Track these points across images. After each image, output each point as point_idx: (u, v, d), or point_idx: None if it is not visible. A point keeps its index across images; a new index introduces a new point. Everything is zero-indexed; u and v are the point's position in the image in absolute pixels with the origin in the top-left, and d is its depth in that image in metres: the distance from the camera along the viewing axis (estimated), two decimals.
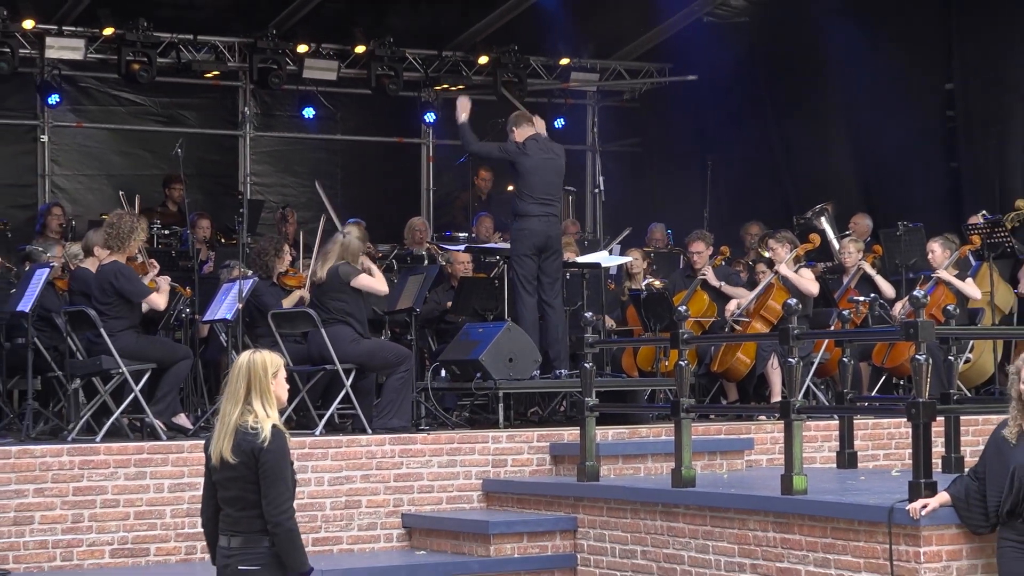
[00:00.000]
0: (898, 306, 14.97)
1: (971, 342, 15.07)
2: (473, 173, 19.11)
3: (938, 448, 11.27)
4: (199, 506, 11.54)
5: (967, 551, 9.45)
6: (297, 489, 11.45)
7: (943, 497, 9.09)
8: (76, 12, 18.55)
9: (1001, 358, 15.70)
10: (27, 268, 13.64)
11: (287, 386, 8.23)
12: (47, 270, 13.06)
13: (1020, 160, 17.11)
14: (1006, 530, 8.72)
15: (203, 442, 11.82)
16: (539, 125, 14.64)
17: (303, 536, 10.52)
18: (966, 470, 12.04)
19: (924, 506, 9.02)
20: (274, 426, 7.84)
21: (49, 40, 18.56)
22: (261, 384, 7.89)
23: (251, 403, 7.88)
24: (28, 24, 18.32)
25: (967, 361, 15.27)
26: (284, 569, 7.92)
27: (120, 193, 17.18)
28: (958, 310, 14.60)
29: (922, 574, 9.30)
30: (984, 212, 16.46)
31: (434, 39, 20.44)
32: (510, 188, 14.88)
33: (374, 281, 13.28)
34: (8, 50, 18.16)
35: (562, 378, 13.80)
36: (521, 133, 14.37)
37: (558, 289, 14.40)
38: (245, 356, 8.01)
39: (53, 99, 19.27)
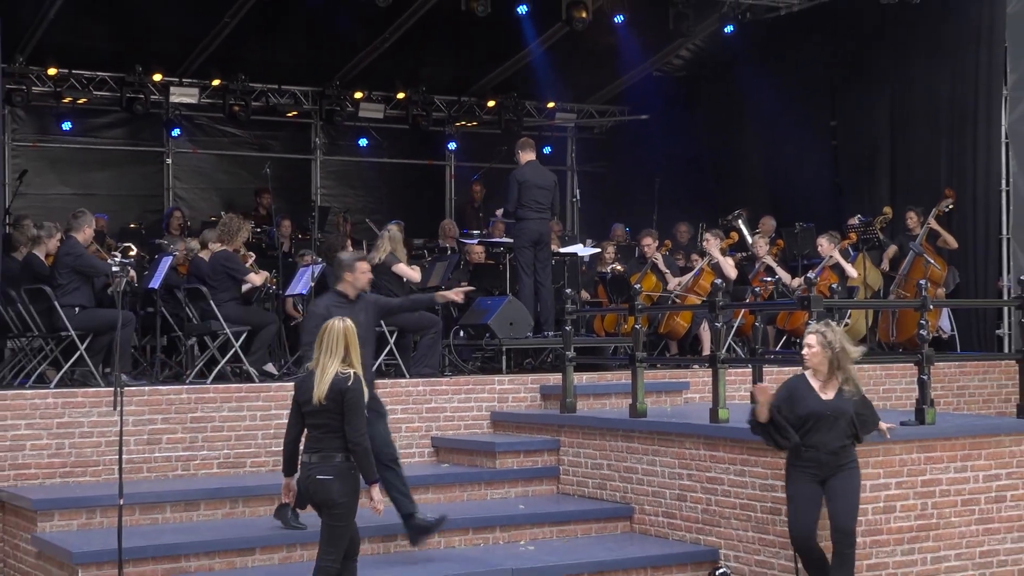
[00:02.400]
0: (795, 284, 15.01)
1: (849, 310, 15.11)
2: (470, 187, 19.59)
3: None
4: (283, 431, 11.65)
5: None
6: None
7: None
8: (192, 67, 18.55)
9: (872, 323, 15.78)
10: (156, 256, 13.67)
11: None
12: (170, 258, 13.11)
13: (885, 177, 17.10)
14: (793, 457, 8.69)
15: (288, 383, 11.91)
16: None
17: None
18: None
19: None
20: (355, 373, 8.13)
21: (172, 89, 18.57)
22: (352, 344, 8.18)
23: (346, 358, 8.16)
24: (157, 77, 18.34)
25: (846, 325, 15.32)
26: (351, 480, 8.11)
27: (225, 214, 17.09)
28: (840, 287, 14.68)
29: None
30: (859, 215, 16.47)
31: (455, 88, 20.42)
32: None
33: (408, 271, 13.35)
34: (143, 96, 18.20)
35: (549, 337, 13.83)
36: (524, 156, 14.40)
37: (547, 272, 14.43)
38: (339, 323, 8.28)
39: (175, 132, 19.32)
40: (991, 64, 15.26)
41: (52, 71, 17.90)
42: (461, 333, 14.30)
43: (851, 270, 15.21)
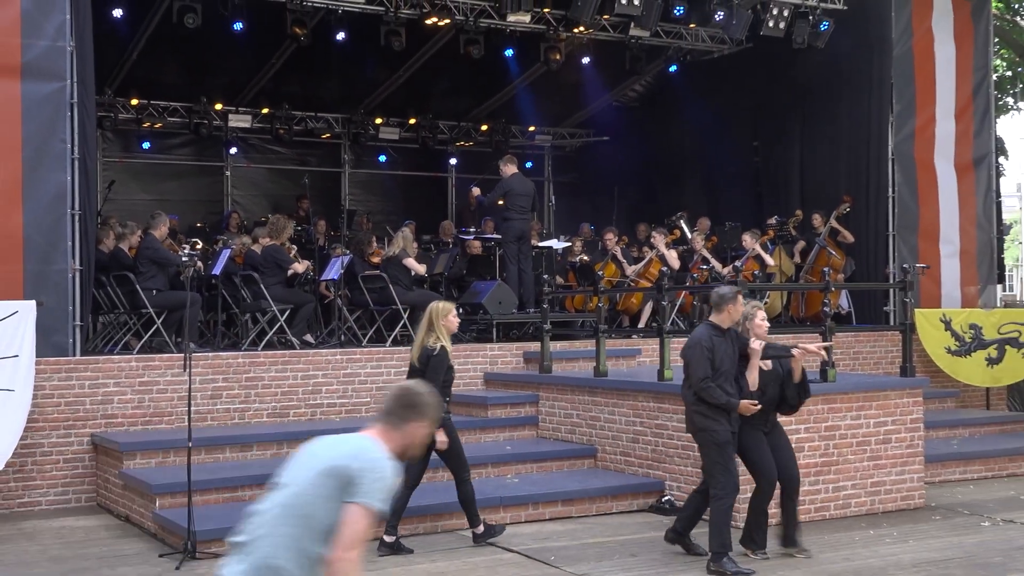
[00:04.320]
0: (725, 271, 15.04)
1: (767, 292, 15.15)
2: (467, 194, 19.41)
3: None
4: (322, 388, 11.67)
5: None
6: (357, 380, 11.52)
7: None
8: (247, 99, 18.52)
9: (786, 302, 15.82)
10: (218, 249, 13.65)
11: (457, 320, 9.01)
12: (229, 251, 13.07)
13: (796, 186, 17.12)
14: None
15: (324, 350, 11.88)
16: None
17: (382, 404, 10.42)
18: None
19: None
20: (442, 345, 8.56)
21: (231, 116, 18.53)
22: (438, 320, 8.62)
23: (433, 330, 8.57)
24: (218, 106, 18.31)
25: (765, 303, 15.35)
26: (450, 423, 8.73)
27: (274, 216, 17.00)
28: (760, 274, 14.72)
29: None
30: (776, 216, 16.53)
31: (455, 115, 20.39)
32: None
33: (415, 264, 13.36)
34: (207, 121, 18.16)
35: (530, 313, 13.85)
36: (507, 170, 14.42)
37: (529, 261, 14.44)
38: (434, 303, 8.87)
39: (232, 150, 19.29)
40: (881, 96, 15.27)
41: (134, 101, 17.91)
42: (460, 310, 14.27)
43: (769, 260, 15.29)
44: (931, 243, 15.26)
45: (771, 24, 14.78)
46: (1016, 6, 24.04)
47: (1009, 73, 24.83)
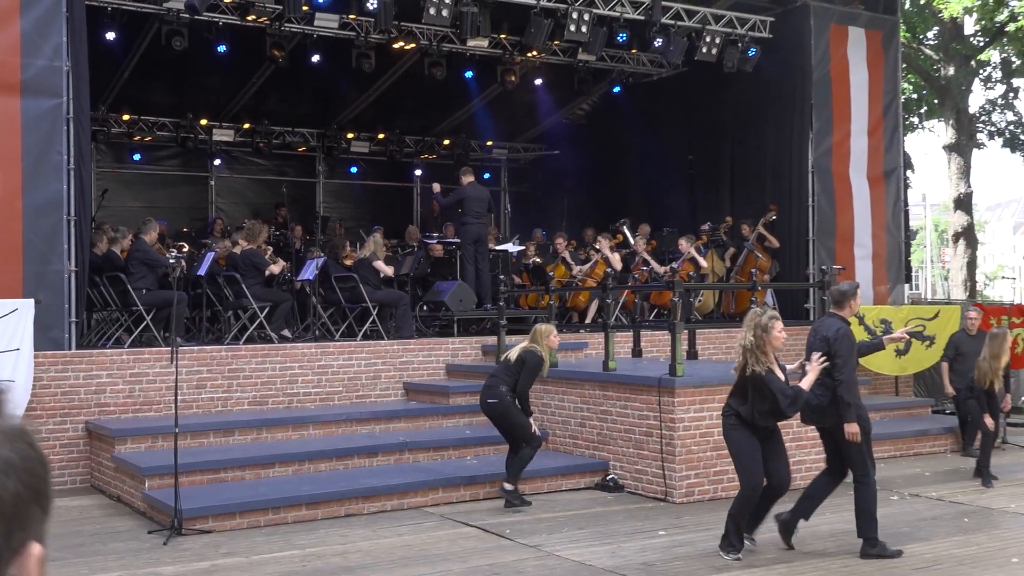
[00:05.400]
0: (663, 272, 15.10)
1: (701, 291, 15.22)
2: (431, 202, 19.37)
3: (685, 347, 11.41)
4: (298, 379, 11.57)
5: (699, 402, 9.59)
6: (330, 372, 11.40)
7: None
8: (230, 114, 18.37)
9: (718, 300, 15.90)
10: (203, 251, 13.52)
11: (558, 339, 9.51)
12: (213, 253, 12.98)
13: (727, 196, 17.22)
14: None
15: (300, 343, 11.78)
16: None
17: (360, 395, 10.41)
18: (699, 356, 12.23)
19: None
20: (536, 353, 9.01)
21: (215, 130, 18.38)
22: (542, 339, 9.10)
23: (535, 343, 9.07)
24: (204, 121, 18.15)
25: (699, 300, 15.44)
26: (514, 405, 9.06)
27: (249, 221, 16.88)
28: (695, 275, 14.79)
29: (675, 412, 9.42)
30: (709, 223, 16.62)
31: (420, 130, 20.33)
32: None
33: (384, 267, 13.30)
34: (193, 135, 18.01)
35: (488, 310, 13.83)
36: (465, 179, 14.40)
37: (486, 263, 14.42)
38: (540, 324, 9.37)
39: (217, 162, 19.14)
40: (802, 115, 15.38)
41: (126, 117, 17.75)
42: (424, 308, 14.26)
43: (703, 262, 15.35)
44: (846, 247, 15.40)
45: (704, 50, 14.86)
46: (921, 36, 24.33)
47: (915, 96, 25.12)
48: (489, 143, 21.18)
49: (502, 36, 15.85)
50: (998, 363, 9.97)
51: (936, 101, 24.10)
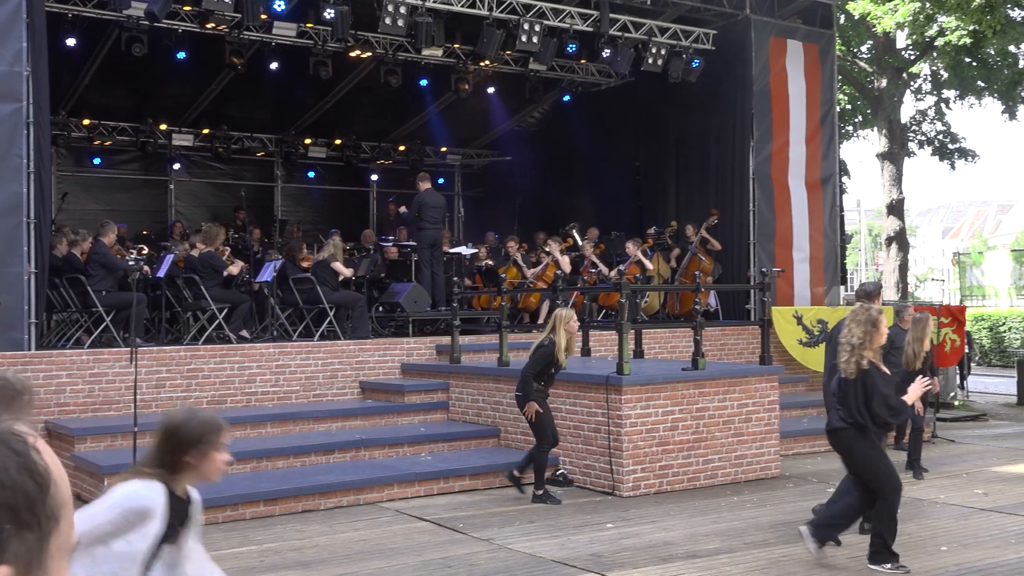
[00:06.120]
0: (611, 274, 15.17)
1: (647, 292, 15.30)
2: (387, 206, 19.29)
3: (632, 346, 11.47)
4: (256, 378, 11.44)
5: (645, 399, 9.63)
6: (288, 371, 11.31)
7: None
8: (189, 120, 18.20)
9: (663, 301, 15.99)
10: (162, 254, 13.35)
11: (578, 324, 9.20)
12: (172, 255, 12.81)
13: (672, 200, 17.33)
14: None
15: (258, 343, 11.65)
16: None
17: (317, 394, 10.33)
18: (645, 356, 12.28)
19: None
20: (553, 340, 8.80)
21: (174, 135, 18.23)
22: (560, 324, 8.82)
23: (554, 333, 8.81)
24: (163, 126, 17.97)
25: (645, 301, 15.51)
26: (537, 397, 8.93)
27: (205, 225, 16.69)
28: (641, 277, 14.85)
29: (622, 409, 9.45)
30: (655, 227, 16.72)
31: (376, 136, 20.26)
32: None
33: (343, 268, 13.20)
34: (152, 140, 17.85)
35: (442, 311, 13.79)
36: (422, 185, 14.34)
37: (441, 265, 14.38)
38: (559, 310, 9.07)
39: (176, 166, 18.94)
40: (743, 125, 15.53)
41: (86, 121, 17.51)
42: (380, 309, 14.18)
43: (649, 265, 15.43)
44: (785, 250, 15.56)
45: (650, 61, 14.95)
46: (855, 49, 24.66)
47: (850, 106, 25.46)
48: (443, 149, 21.15)
49: (456, 46, 15.84)
50: (920, 346, 10.12)
51: (870, 111, 24.44)
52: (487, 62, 15.98)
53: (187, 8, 13.58)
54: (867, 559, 6.83)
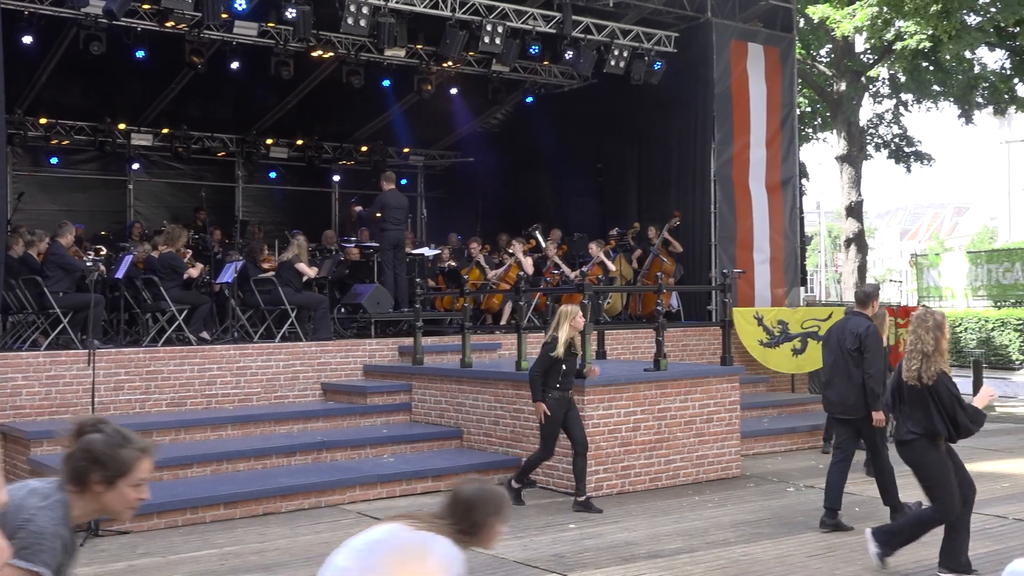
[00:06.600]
0: (574, 275, 15.18)
1: (610, 293, 15.34)
2: (349, 207, 19.19)
3: (594, 347, 11.50)
4: (216, 380, 11.33)
5: (608, 400, 9.65)
6: (248, 373, 11.21)
7: None
8: (149, 119, 17.99)
9: (625, 302, 16.04)
10: (120, 255, 13.18)
11: (583, 320, 8.88)
12: (131, 256, 12.65)
13: (634, 202, 17.40)
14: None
15: (218, 345, 11.54)
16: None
17: (279, 396, 10.27)
18: (607, 356, 12.30)
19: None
20: (553, 336, 8.59)
21: (133, 135, 18.01)
22: (565, 320, 8.59)
23: (557, 329, 8.62)
24: (122, 126, 17.76)
25: (608, 302, 15.55)
26: (551, 402, 8.66)
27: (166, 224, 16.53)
28: (604, 278, 14.90)
29: (584, 410, 9.42)
30: (617, 228, 16.78)
31: (338, 137, 20.14)
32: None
33: (306, 268, 13.10)
34: (111, 139, 17.65)
35: (404, 312, 13.73)
36: (385, 185, 14.27)
37: (403, 266, 14.32)
38: (564, 306, 8.77)
39: (135, 166, 18.72)
40: (704, 127, 15.63)
41: (43, 120, 17.26)
42: (342, 310, 14.11)
43: (611, 266, 15.46)
44: (746, 251, 15.68)
45: (613, 63, 15.01)
46: (815, 53, 24.92)
47: (809, 109, 25.71)
48: (406, 150, 21.09)
49: (419, 46, 15.80)
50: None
51: (829, 114, 24.70)
52: (450, 63, 15.96)
53: (146, 6, 13.43)
54: (880, 556, 6.72)
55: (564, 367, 8.67)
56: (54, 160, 18.07)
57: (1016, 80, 22.00)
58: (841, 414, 8.10)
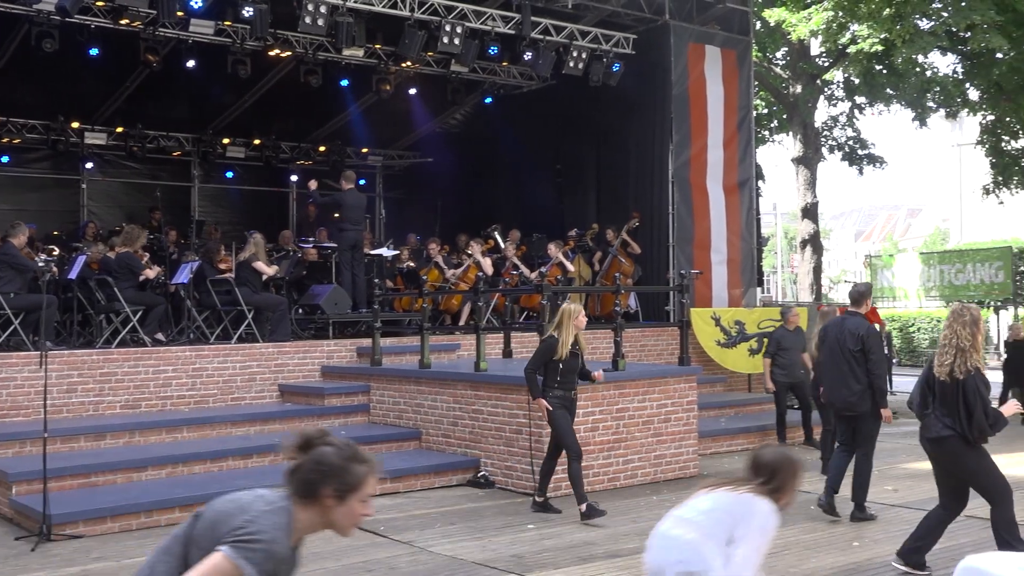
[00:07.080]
0: (533, 276, 15.20)
1: (568, 294, 15.36)
2: (306, 207, 19.04)
3: None
4: (172, 382, 11.19)
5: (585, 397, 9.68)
6: (205, 375, 11.12)
7: None
8: (102, 117, 17.75)
9: (584, 303, 16.08)
10: (73, 255, 13.01)
11: (585, 319, 8.69)
12: (84, 256, 12.51)
13: (593, 203, 17.46)
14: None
15: (174, 347, 11.41)
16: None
17: (235, 398, 10.16)
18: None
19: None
20: (555, 336, 8.36)
21: (87, 133, 17.75)
22: (569, 319, 8.38)
23: (559, 328, 8.38)
24: (75, 124, 17.51)
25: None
26: (553, 402, 8.48)
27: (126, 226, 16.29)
28: (562, 278, 14.93)
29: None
30: (576, 229, 16.82)
31: (296, 136, 20.02)
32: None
33: (265, 267, 12.99)
34: (64, 138, 17.39)
35: (363, 313, 13.68)
36: (346, 185, 14.21)
37: (361, 267, 14.27)
38: (566, 305, 8.59)
39: (88, 165, 18.47)
40: (662, 128, 15.71)
41: None
42: (300, 311, 14.01)
43: (570, 267, 15.52)
44: (704, 252, 15.78)
45: (571, 64, 15.05)
46: (771, 56, 25.16)
47: (766, 111, 25.95)
48: (364, 150, 21.00)
49: (377, 46, 15.74)
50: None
51: (785, 116, 24.94)
52: (408, 63, 15.91)
53: (100, 3, 13.25)
54: None
55: (563, 366, 8.48)
56: (5, 159, 17.78)
57: (968, 84, 22.36)
58: (843, 411, 8.42)
